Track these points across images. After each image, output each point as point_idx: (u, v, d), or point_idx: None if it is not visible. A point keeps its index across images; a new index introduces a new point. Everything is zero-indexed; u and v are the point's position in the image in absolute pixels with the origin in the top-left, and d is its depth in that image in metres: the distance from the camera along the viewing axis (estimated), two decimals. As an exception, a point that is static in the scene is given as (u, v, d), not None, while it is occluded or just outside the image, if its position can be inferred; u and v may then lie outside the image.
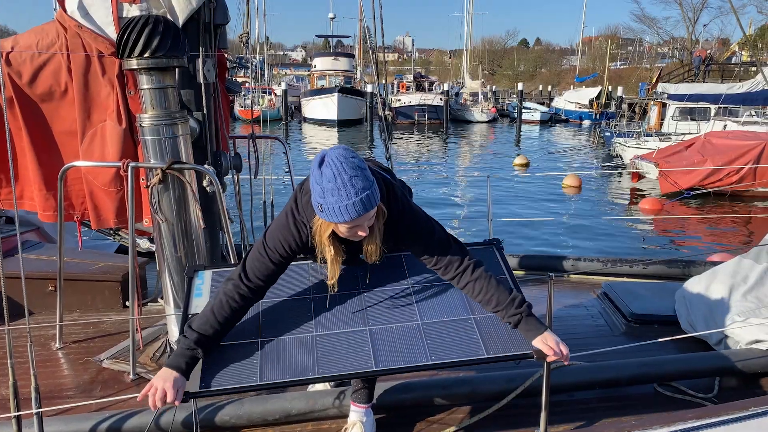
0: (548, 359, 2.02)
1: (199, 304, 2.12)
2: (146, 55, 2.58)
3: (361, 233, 1.95)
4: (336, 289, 2.14)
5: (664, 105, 23.73)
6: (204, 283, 2.22)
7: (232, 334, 2.03)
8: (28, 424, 2.20)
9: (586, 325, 3.54)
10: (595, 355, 2.84)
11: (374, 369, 1.96)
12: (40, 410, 2.17)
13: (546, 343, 2.00)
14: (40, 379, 2.18)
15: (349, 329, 2.08)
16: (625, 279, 4.39)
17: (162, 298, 3.19)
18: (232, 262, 2.97)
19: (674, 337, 2.90)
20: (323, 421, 2.56)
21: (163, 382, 1.86)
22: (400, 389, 2.59)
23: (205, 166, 2.94)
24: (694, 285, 3.33)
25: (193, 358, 1.95)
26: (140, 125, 2.71)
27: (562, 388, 2.72)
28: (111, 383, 2.97)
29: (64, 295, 3.35)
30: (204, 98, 3.09)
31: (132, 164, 2.80)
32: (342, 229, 1.94)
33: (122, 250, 4.74)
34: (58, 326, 3.37)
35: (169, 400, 1.85)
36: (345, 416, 2.54)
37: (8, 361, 2.11)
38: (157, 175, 2.71)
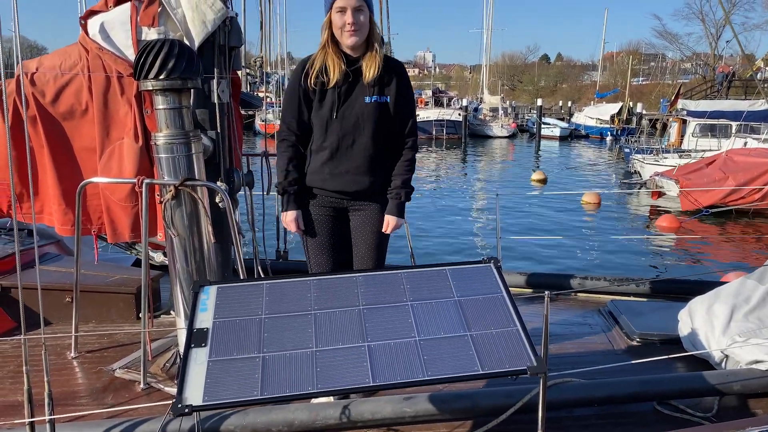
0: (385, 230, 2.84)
1: (204, 318, 2.20)
2: (162, 77, 2.68)
3: (348, 21, 2.58)
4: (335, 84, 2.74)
5: (684, 121, 23.58)
6: (209, 298, 2.29)
7: (235, 349, 2.10)
8: (41, 429, 2.29)
9: (589, 343, 3.56)
10: (595, 372, 2.87)
11: (372, 384, 2.01)
12: (53, 417, 2.26)
13: (387, 222, 2.84)
14: (54, 387, 2.28)
15: (348, 345, 2.14)
16: (632, 298, 4.40)
17: (174, 310, 3.29)
18: (243, 277, 3.05)
19: (674, 356, 2.92)
20: None
21: (290, 220, 2.85)
22: (400, 404, 2.64)
23: (218, 183, 3.04)
24: (697, 305, 3.34)
25: (298, 195, 2.85)
26: (155, 143, 2.82)
27: (562, 405, 2.75)
28: (122, 392, 3.06)
29: (80, 306, 3.45)
30: (218, 118, 3.20)
31: (147, 180, 2.91)
32: (335, 18, 2.61)
33: (138, 263, 4.86)
34: (73, 336, 3.48)
35: (294, 229, 2.84)
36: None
37: (23, 368, 2.21)
38: (171, 191, 2.81)
